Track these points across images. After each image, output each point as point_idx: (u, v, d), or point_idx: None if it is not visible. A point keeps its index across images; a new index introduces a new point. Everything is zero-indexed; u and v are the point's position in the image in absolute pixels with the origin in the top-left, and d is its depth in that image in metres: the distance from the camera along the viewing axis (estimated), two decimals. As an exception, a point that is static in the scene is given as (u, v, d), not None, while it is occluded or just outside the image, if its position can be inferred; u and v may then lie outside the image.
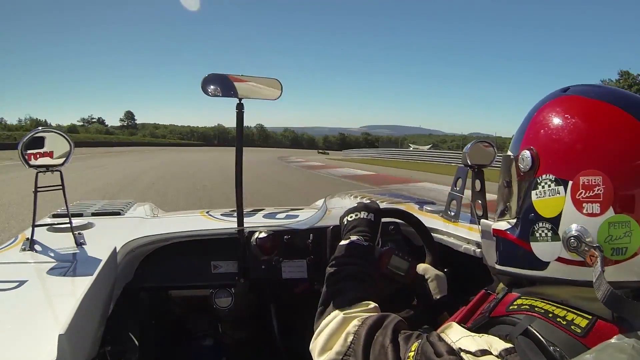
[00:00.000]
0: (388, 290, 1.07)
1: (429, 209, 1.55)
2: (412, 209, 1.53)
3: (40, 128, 1.06)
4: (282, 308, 1.31)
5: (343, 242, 0.88)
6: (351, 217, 0.93)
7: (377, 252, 0.98)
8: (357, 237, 0.87)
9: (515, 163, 0.66)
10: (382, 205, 1.00)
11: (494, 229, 0.71)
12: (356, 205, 0.96)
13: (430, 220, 1.36)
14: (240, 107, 1.10)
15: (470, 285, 1.02)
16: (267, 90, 1.14)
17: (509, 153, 0.70)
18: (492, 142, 1.36)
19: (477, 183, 1.40)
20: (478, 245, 1.16)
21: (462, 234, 1.25)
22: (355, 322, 0.67)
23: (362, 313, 0.69)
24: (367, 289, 0.75)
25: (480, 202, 1.37)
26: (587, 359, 0.45)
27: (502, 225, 0.69)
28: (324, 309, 0.73)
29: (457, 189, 1.43)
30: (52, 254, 1.05)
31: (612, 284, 0.52)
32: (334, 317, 0.69)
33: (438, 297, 0.98)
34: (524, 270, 0.64)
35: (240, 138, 1.12)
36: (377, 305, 0.73)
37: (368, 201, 0.98)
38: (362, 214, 0.92)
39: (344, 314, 0.69)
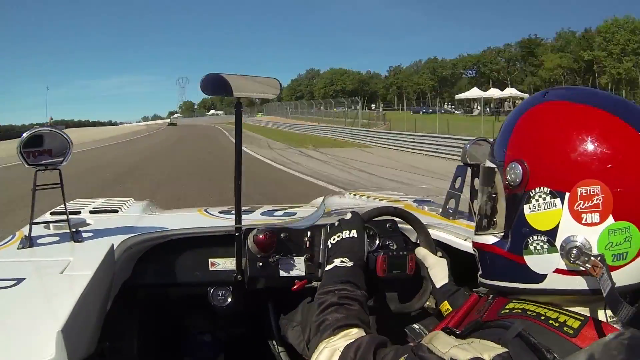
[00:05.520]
0: (394, 289, 1.09)
1: (427, 207, 1.56)
2: (411, 207, 1.54)
3: (39, 126, 1.06)
4: (280, 305, 1.31)
5: (328, 268, 0.88)
6: (334, 239, 0.92)
7: (372, 262, 0.99)
8: (341, 259, 0.87)
9: (503, 176, 0.63)
10: (373, 205, 1.00)
11: (475, 242, 0.69)
12: (336, 224, 0.95)
13: (428, 218, 1.36)
14: (238, 106, 1.11)
15: (468, 282, 1.02)
16: (266, 89, 1.15)
17: (491, 164, 0.66)
18: (490, 140, 1.36)
19: (476, 182, 1.41)
20: None
21: (460, 231, 1.25)
22: (337, 352, 0.67)
23: (345, 341, 0.69)
24: (350, 315, 0.75)
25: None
26: (580, 359, 0.46)
27: (488, 239, 0.66)
28: (314, 342, 0.74)
29: (457, 187, 1.43)
30: (49, 252, 1.05)
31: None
32: (320, 350, 0.70)
33: (441, 284, 0.99)
34: (517, 284, 0.62)
35: (240, 136, 1.13)
36: (360, 329, 0.72)
37: (349, 216, 0.97)
38: (344, 234, 0.91)
39: (327, 345, 0.70)
